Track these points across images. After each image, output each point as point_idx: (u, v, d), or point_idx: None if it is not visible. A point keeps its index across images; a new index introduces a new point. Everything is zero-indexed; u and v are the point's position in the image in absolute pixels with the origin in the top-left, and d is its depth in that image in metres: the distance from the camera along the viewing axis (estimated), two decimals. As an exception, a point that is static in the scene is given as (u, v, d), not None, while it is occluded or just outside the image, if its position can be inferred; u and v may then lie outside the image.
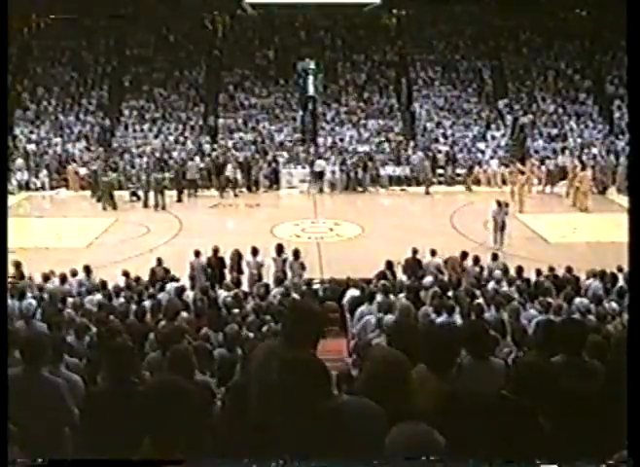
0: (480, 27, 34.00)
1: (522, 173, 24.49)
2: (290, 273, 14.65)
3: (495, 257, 14.86)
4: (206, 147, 29.08)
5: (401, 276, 13.96)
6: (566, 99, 31.23)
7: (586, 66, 32.55)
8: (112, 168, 26.83)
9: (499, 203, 18.68)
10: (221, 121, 30.65)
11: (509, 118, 30.53)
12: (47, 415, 4.67)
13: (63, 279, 13.12)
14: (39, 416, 4.56)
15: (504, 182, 26.48)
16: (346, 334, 11.15)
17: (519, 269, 13.34)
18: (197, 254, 15.01)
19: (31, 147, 28.89)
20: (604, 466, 2.80)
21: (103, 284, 12.45)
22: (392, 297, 10.85)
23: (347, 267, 15.39)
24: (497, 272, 13.28)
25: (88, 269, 13.67)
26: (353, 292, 12.27)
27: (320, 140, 29.68)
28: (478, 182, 27.09)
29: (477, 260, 14.36)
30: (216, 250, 15.13)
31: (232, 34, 34.57)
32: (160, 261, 14.58)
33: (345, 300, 12.29)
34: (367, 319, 9.81)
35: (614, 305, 10.77)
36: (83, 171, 27.06)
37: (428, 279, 12.74)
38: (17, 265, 13.72)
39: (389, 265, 13.73)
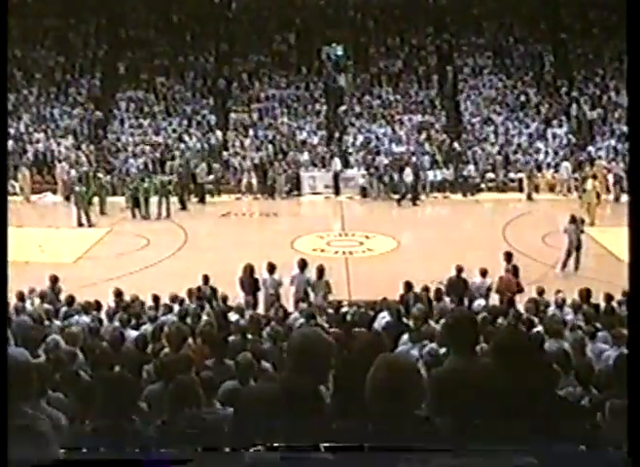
0: (540, 3, 33.91)
1: (594, 178, 24.32)
2: (312, 294, 14.64)
3: (484, 273, 14.69)
4: (216, 146, 29.26)
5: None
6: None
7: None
8: (105, 170, 27.03)
9: (573, 218, 18.52)
10: (233, 115, 30.85)
11: (574, 112, 30.43)
12: (26, 456, 4.68)
13: (43, 299, 13.14)
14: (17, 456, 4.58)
15: (569, 189, 26.36)
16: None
17: (587, 293, 13.20)
18: (272, 269, 14.78)
19: (9, 143, 29.18)
20: None
21: (95, 305, 12.46)
22: (433, 323, 10.78)
23: (380, 286, 15.33)
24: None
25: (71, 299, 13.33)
26: (386, 316, 12.21)
27: (348, 139, 29.75)
28: (536, 188, 26.95)
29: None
30: (250, 268, 14.98)
31: (247, 14, 34.82)
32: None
33: (377, 325, 12.23)
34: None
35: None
36: (72, 173, 27.24)
37: (479, 303, 12.69)
38: None
39: (408, 286, 13.72)
